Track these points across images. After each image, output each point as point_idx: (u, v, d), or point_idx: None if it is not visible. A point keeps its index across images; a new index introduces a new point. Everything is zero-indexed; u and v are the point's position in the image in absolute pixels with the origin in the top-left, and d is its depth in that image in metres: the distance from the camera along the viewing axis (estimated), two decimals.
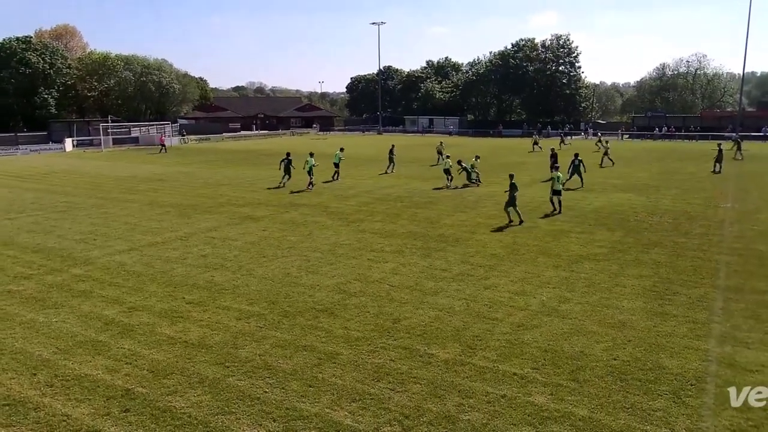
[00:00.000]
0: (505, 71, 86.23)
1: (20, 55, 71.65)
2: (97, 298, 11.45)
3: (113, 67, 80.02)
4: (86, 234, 17.22)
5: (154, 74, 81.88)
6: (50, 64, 74.28)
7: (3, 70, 71.56)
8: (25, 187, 28.52)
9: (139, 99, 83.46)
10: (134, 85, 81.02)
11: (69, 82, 77.68)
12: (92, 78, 79.25)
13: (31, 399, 7.54)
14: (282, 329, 9.74)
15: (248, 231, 17.40)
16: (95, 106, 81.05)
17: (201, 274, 12.91)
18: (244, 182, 29.09)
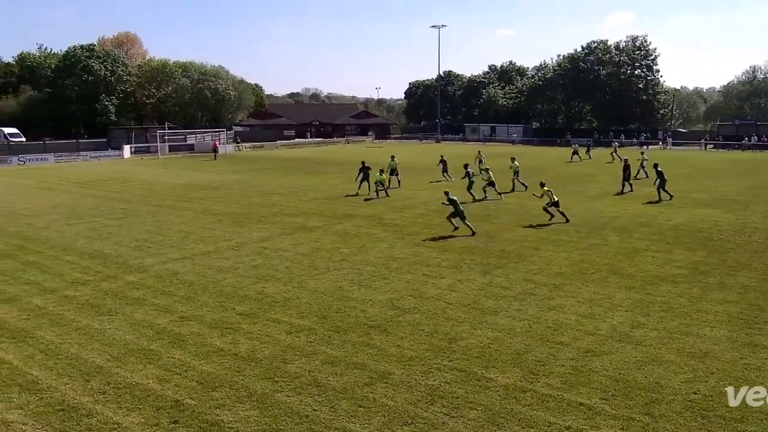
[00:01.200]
0: (574, 75, 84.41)
1: (84, 63, 76.18)
2: (149, 306, 11.94)
3: (171, 73, 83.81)
4: (141, 241, 18.03)
5: (211, 81, 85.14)
6: (111, 72, 78.57)
7: (68, 78, 76.29)
8: (85, 193, 30.18)
9: (195, 106, 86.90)
10: (191, 91, 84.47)
11: (129, 89, 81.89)
12: (151, 85, 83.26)
13: (84, 405, 7.92)
14: (333, 345, 9.84)
15: (300, 242, 17.72)
16: (153, 112, 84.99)
17: (252, 285, 13.24)
18: (298, 191, 29.68)
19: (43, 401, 8.03)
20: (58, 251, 16.89)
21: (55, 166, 50.72)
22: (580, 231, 18.77)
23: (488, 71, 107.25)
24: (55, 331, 10.59)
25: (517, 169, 29.43)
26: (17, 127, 70.35)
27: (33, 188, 33.17)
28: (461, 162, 31.33)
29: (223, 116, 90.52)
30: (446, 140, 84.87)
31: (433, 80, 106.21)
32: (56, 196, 29.08)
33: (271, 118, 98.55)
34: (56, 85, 78.24)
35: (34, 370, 8.98)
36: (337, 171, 39.35)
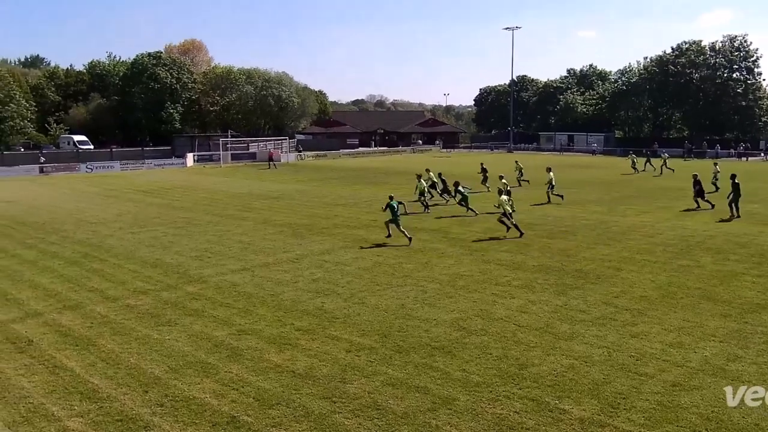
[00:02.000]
0: (663, 79, 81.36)
1: (150, 71, 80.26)
2: (208, 318, 12.35)
3: (235, 81, 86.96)
4: (201, 251, 18.70)
5: (274, 88, 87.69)
6: (177, 79, 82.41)
7: (135, 86, 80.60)
8: (148, 201, 31.68)
9: (258, 113, 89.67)
10: (254, 99, 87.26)
11: (193, 97, 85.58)
12: (215, 92, 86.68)
13: (142, 417, 8.25)
14: (394, 366, 9.83)
15: (362, 255, 17.87)
16: (216, 120, 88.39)
17: (311, 300, 13.45)
18: (360, 202, 30.01)
19: (103, 410, 8.43)
20: (121, 259, 17.77)
21: (120, 173, 53.52)
22: (668, 251, 18.01)
23: (566, 75, 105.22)
24: (116, 340, 11.12)
25: (551, 180, 29.52)
26: (86, 135, 74.81)
27: (99, 196, 35.12)
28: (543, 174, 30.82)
29: (286, 124, 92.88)
30: (519, 150, 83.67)
31: (506, 86, 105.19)
32: (121, 204, 30.65)
33: (334, 126, 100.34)
34: (124, 92, 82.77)
35: (95, 379, 9.44)
36: (401, 181, 39.50)
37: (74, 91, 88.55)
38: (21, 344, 10.98)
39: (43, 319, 12.43)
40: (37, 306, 13.29)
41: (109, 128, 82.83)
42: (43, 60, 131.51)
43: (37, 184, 44.20)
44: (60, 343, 11.01)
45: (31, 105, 78.62)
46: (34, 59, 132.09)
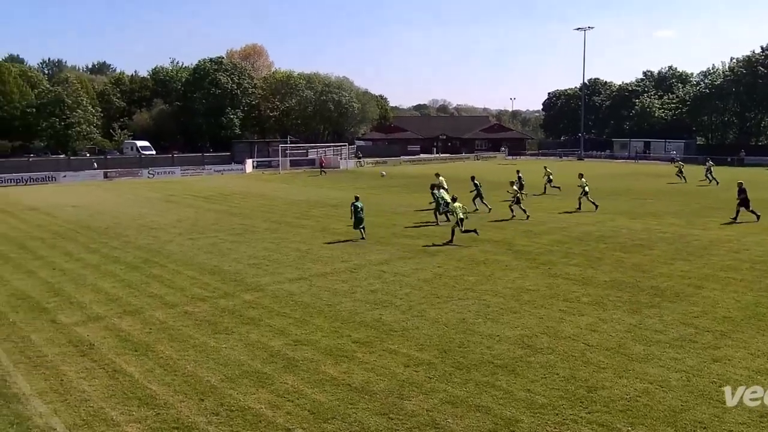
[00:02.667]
0: (751, 81, 77.70)
1: (212, 76, 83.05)
2: (264, 327, 12.60)
3: (295, 85, 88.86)
4: (259, 259, 19.13)
5: (334, 93, 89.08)
6: (237, 84, 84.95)
7: (196, 91, 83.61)
8: (207, 207, 32.69)
9: (317, 119, 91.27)
10: (314, 104, 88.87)
11: (253, 102, 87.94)
12: (275, 97, 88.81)
13: (198, 425, 8.49)
14: (454, 383, 9.75)
15: (422, 266, 17.85)
16: (276, 125, 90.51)
17: (369, 311, 13.52)
18: (421, 211, 29.97)
19: (160, 417, 8.72)
20: (180, 265, 18.39)
21: (180, 179, 55.42)
22: (755, 268, 17.15)
23: (642, 78, 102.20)
24: (173, 347, 11.49)
25: (584, 186, 29.65)
26: (148, 140, 77.99)
27: (160, 201, 36.51)
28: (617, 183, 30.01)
29: (346, 130, 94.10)
30: (590, 157, 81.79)
31: (577, 89, 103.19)
32: (181, 210, 31.75)
33: (395, 132, 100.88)
34: (185, 98, 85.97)
35: (153, 385, 9.78)
36: (465, 190, 39.22)
37: (138, 97, 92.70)
38: (83, 348, 11.51)
39: (104, 323, 13.00)
40: (99, 310, 13.91)
41: (170, 133, 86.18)
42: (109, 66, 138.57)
43: (102, 188, 46.35)
44: (120, 348, 11.48)
45: (97, 111, 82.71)
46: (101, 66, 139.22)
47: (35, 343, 11.80)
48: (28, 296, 15.13)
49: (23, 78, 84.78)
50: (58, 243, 22.47)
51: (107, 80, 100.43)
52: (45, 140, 79.52)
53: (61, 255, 20.22)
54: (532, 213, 27.42)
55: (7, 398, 9.31)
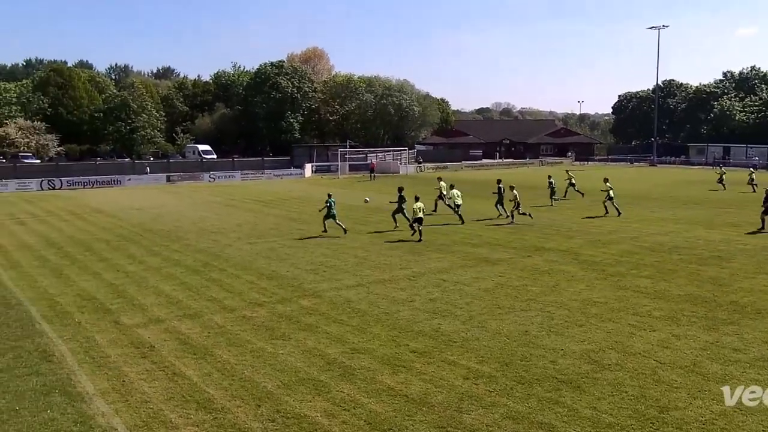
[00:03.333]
0: None
1: (273, 80, 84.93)
2: (321, 334, 12.74)
3: (355, 89, 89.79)
4: (317, 264, 19.38)
5: (395, 96, 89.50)
6: (298, 88, 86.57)
7: (257, 95, 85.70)
8: (267, 212, 33.38)
9: (377, 122, 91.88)
10: (374, 108, 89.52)
11: (313, 106, 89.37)
12: (334, 101, 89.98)
13: (254, 431, 8.65)
14: (515, 398, 9.59)
15: (483, 275, 17.68)
16: (335, 129, 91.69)
17: (427, 321, 13.48)
18: (482, 218, 29.72)
19: (217, 422, 8.93)
20: (239, 270, 18.83)
21: (240, 183, 56.83)
22: None
23: (722, 79, 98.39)
24: (231, 351, 11.76)
25: (608, 190, 29.81)
26: (210, 144, 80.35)
27: (220, 205, 37.51)
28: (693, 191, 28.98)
29: (406, 134, 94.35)
30: (663, 163, 79.19)
31: (649, 91, 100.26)
32: (240, 214, 32.53)
33: (456, 136, 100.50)
34: (246, 102, 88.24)
35: (211, 389, 10.04)
36: (528, 196, 38.70)
37: (201, 101, 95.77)
38: (144, 349, 11.93)
39: (165, 325, 13.43)
40: (159, 313, 14.39)
41: (231, 137, 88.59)
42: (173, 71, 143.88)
43: (164, 192, 48.03)
44: (179, 351, 11.84)
45: (161, 115, 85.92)
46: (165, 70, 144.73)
47: (99, 343, 12.30)
48: (94, 297, 15.80)
49: (92, 83, 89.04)
50: (122, 245, 23.39)
51: (171, 85, 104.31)
52: (111, 144, 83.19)
53: (125, 257, 21.03)
54: (563, 219, 26.78)
55: (71, 397, 9.74)
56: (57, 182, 53.39)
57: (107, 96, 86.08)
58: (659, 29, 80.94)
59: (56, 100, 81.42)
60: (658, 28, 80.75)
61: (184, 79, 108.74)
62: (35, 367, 11.01)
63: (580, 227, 26.23)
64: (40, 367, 11.01)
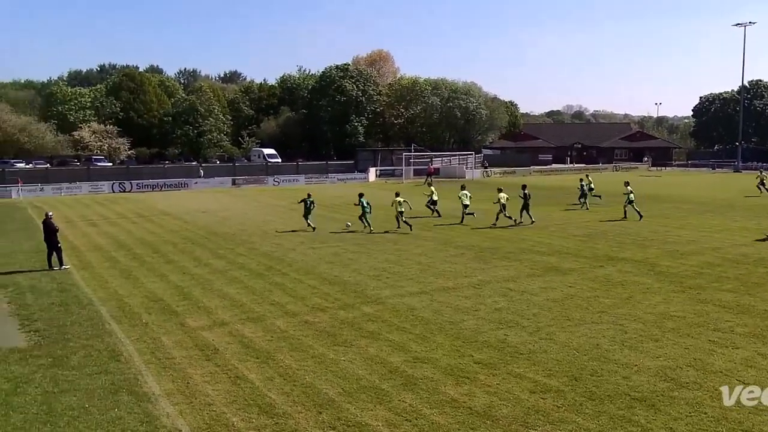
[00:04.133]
0: None
1: (338, 83, 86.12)
2: (383, 341, 12.79)
3: (421, 92, 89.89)
4: (380, 270, 19.48)
5: (461, 99, 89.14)
6: (363, 91, 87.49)
7: (322, 99, 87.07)
8: (330, 216, 33.78)
9: (443, 126, 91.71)
10: (440, 111, 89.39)
11: (378, 109, 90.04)
12: (399, 104, 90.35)
13: None
14: (585, 414, 9.36)
15: (552, 285, 17.35)
16: (400, 133, 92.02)
17: (493, 331, 13.33)
18: (551, 225, 29.20)
19: (278, 427, 9.10)
20: (301, 274, 19.14)
21: (305, 187, 57.70)
22: None
23: None
24: (293, 356, 11.97)
25: (629, 194, 30.87)
26: (275, 147, 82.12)
27: (284, 209, 38.24)
28: None
29: (473, 137, 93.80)
30: (749, 169, 75.56)
31: (734, 93, 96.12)
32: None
33: (525, 140, 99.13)
34: (311, 105, 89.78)
35: (272, 394, 10.24)
36: (602, 204, 37.74)
37: (266, 104, 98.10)
38: (208, 352, 12.28)
39: (229, 328, 13.79)
40: (224, 315, 14.79)
41: (296, 141, 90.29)
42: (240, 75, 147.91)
43: (230, 195, 49.37)
44: (242, 354, 12.13)
45: (228, 119, 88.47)
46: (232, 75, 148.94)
47: (165, 344, 12.75)
48: (160, 299, 16.39)
49: (161, 87, 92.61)
50: (188, 248, 24.17)
51: (237, 89, 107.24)
52: (179, 147, 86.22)
53: (191, 260, 21.73)
54: (638, 227, 25.84)
55: (138, 397, 10.13)
56: (127, 185, 55.67)
57: (176, 100, 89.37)
58: (745, 26, 77.49)
59: (128, 104, 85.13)
60: (744, 24, 77.29)
61: (251, 83, 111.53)
62: (104, 366, 11.52)
63: (656, 236, 25.39)
64: (109, 366, 11.51)
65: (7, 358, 11.97)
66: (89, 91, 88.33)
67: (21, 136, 70.51)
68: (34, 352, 12.32)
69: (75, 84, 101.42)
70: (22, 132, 70.79)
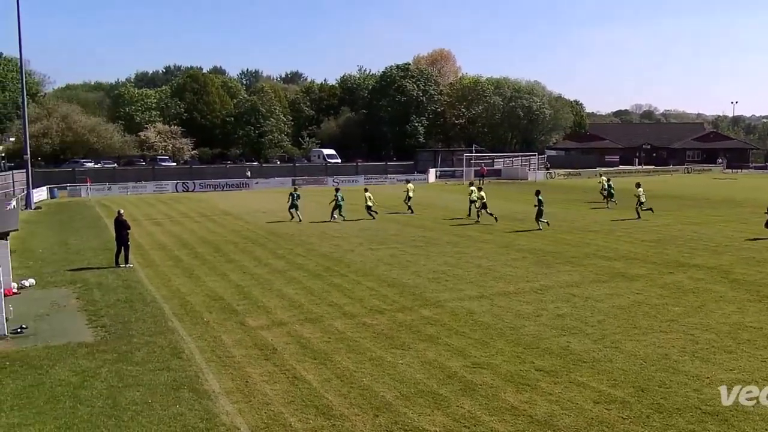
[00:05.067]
0: None
1: (398, 83, 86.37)
2: (442, 345, 12.75)
3: (483, 91, 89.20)
4: (439, 273, 19.43)
5: (525, 98, 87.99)
6: (423, 91, 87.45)
7: (382, 99, 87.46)
8: (388, 217, 33.91)
9: (505, 126, 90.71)
10: (502, 111, 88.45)
11: (438, 109, 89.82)
12: (461, 104, 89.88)
13: None
14: (652, 427, 9.09)
15: (618, 292, 16.92)
16: (461, 134, 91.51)
17: (555, 338, 13.11)
18: (617, 229, 28.49)
19: (335, 429, 9.19)
20: (359, 276, 19.28)
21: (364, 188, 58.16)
22: None
23: None
24: (351, 358, 12.06)
25: (638, 195, 32.48)
26: (334, 148, 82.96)
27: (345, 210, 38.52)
28: None
29: (535, 138, 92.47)
30: None
31: None
32: (362, 219, 33.26)
33: (591, 141, 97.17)
34: (371, 105, 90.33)
35: (330, 395, 10.34)
36: (672, 208, 36.60)
37: (326, 105, 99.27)
38: (267, 351, 12.52)
39: (287, 329, 14.02)
40: (282, 316, 15.04)
41: (355, 141, 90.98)
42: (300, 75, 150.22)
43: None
44: (300, 355, 12.31)
45: (288, 119, 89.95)
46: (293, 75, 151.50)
47: (225, 343, 13.07)
48: (221, 297, 16.80)
49: (224, 88, 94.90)
50: (249, 248, 24.69)
51: (298, 89, 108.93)
52: (240, 148, 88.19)
53: (251, 259, 22.19)
54: (712, 232, 24.77)
55: (199, 394, 10.41)
56: (190, 185, 57.31)
57: (238, 101, 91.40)
58: None
59: (191, 105, 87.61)
60: None
61: (311, 83, 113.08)
62: (167, 363, 11.89)
63: (730, 242, 24.43)
64: (171, 363, 11.88)
65: (75, 352, 12.51)
66: (155, 92, 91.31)
67: (90, 137, 73.38)
68: (100, 347, 12.83)
69: (141, 85, 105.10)
70: (92, 132, 73.67)
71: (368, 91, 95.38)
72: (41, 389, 10.67)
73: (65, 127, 71.69)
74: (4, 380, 11.09)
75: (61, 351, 12.59)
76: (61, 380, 11.05)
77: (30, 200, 41.68)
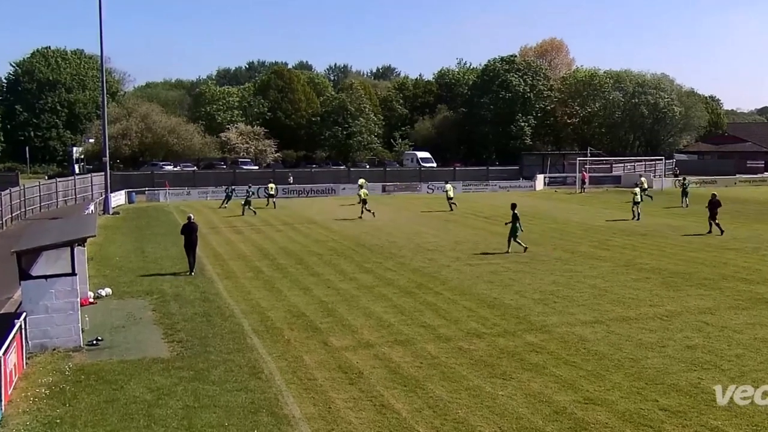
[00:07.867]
0: None
1: (502, 78, 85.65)
2: (549, 376, 12.51)
3: (600, 86, 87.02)
4: (546, 294, 19.08)
5: (650, 94, 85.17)
6: (531, 86, 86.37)
7: (484, 96, 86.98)
8: (490, 229, 33.64)
9: (626, 126, 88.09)
10: (622, 108, 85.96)
11: (548, 107, 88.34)
12: (574, 101, 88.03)
13: None
14: None
15: (761, 321, 16.09)
16: (573, 135, 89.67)
17: (684, 373, 12.60)
18: (763, 247, 27.03)
19: None
20: (456, 294, 19.23)
21: (462, 195, 57.91)
22: None
23: None
24: (444, 387, 12.04)
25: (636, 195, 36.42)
26: (429, 150, 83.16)
27: (438, 219, 38.63)
28: None
29: (662, 140, 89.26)
30: None
31: None
32: (460, 230, 33.21)
33: (729, 143, 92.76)
34: (471, 103, 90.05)
35: (420, 427, 10.37)
36: None
37: (421, 102, 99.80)
38: (352, 375, 12.70)
39: (374, 351, 14.16)
40: (369, 336, 15.21)
41: (453, 143, 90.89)
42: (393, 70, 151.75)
43: (379, 203, 50.57)
44: (388, 380, 12.40)
45: (379, 119, 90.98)
46: (385, 70, 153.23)
47: (307, 364, 13.36)
48: (303, 314, 17.20)
49: (310, 85, 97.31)
50: (334, 260, 25.14)
51: (391, 85, 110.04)
52: (327, 150, 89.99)
53: (336, 273, 22.58)
54: None
55: (278, 419, 10.69)
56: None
57: (325, 98, 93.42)
58: None
59: (275, 103, 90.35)
60: None
61: (405, 78, 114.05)
62: (245, 383, 12.29)
63: None
64: (249, 384, 12.26)
65: (150, 368, 13.15)
66: (237, 90, 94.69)
67: (170, 138, 76.81)
68: (176, 364, 13.42)
69: (223, 83, 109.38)
70: (171, 133, 77.10)
71: (468, 87, 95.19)
72: (115, 406, 11.27)
73: (144, 127, 75.18)
74: (79, 395, 11.79)
75: (136, 366, 13.26)
76: (135, 397, 11.64)
77: (108, 205, 44.13)
